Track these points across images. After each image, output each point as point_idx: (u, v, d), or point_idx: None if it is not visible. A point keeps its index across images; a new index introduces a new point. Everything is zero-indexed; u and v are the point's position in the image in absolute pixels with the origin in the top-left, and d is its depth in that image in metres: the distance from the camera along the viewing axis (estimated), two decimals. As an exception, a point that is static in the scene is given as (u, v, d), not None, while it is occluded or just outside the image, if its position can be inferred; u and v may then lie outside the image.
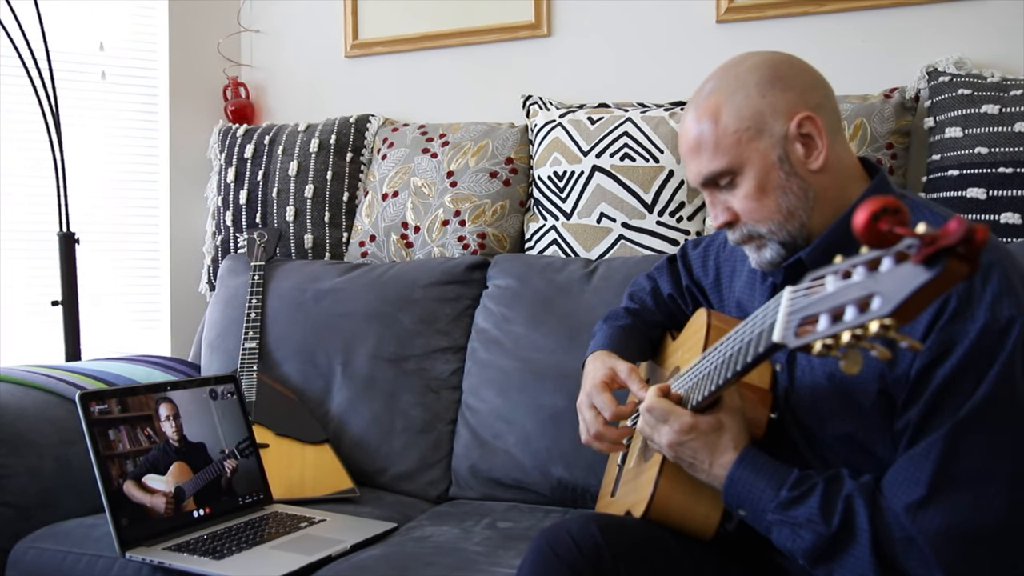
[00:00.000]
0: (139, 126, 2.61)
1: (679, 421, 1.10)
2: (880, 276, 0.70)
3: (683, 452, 1.11)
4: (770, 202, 1.12)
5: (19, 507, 1.66)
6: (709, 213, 1.21)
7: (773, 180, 1.12)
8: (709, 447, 1.10)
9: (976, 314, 0.98)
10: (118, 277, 2.58)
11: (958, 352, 0.98)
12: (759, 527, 1.08)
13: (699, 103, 1.16)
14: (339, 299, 2.13)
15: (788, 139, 1.11)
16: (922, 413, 1.00)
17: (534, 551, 1.08)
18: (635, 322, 1.49)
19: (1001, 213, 1.73)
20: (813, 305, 0.79)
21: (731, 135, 1.12)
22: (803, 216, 1.13)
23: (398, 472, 1.97)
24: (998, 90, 1.79)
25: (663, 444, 1.13)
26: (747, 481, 1.08)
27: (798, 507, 1.03)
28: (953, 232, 0.65)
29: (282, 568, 1.39)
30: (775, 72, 1.13)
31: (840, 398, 1.10)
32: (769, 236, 1.14)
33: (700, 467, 1.11)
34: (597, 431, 1.30)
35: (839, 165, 1.14)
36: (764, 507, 1.06)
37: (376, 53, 2.57)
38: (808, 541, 1.02)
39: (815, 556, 1.03)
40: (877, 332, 0.70)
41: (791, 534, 1.04)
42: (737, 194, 1.14)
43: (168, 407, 1.64)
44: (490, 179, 2.21)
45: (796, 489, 1.04)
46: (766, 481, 1.07)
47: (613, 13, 2.29)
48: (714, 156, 1.13)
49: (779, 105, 1.11)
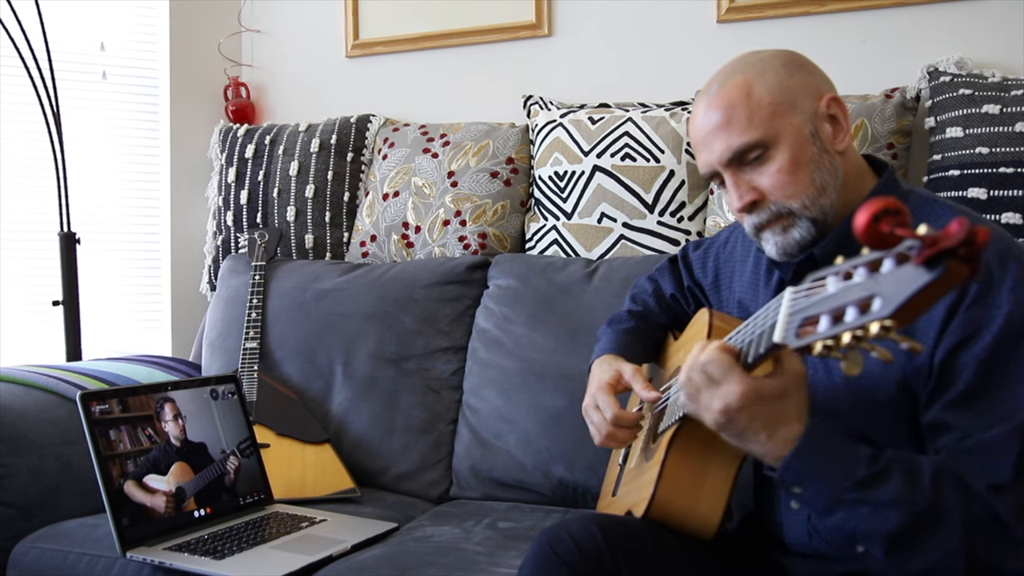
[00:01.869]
0: (140, 126, 2.61)
1: (741, 384, 0.96)
2: (881, 277, 0.70)
3: (737, 419, 0.97)
4: (804, 176, 1.12)
5: (20, 507, 1.66)
6: (729, 197, 1.17)
7: (807, 154, 1.12)
8: (770, 416, 0.97)
9: (999, 300, 0.99)
10: (119, 277, 2.59)
11: (987, 337, 0.98)
12: (817, 507, 0.98)
13: (720, 87, 1.15)
14: (340, 299, 2.13)
15: (818, 117, 1.13)
16: (964, 394, 0.99)
17: (535, 551, 1.08)
18: (639, 324, 1.49)
19: (1002, 213, 1.73)
20: (814, 306, 0.79)
21: (766, 107, 1.12)
22: (833, 194, 1.13)
23: (399, 472, 1.97)
24: (999, 90, 1.79)
25: (713, 408, 0.98)
26: (817, 457, 0.97)
27: (881, 485, 0.95)
28: (954, 234, 0.65)
29: (283, 568, 1.39)
30: (796, 60, 1.16)
31: (854, 396, 1.09)
32: (801, 212, 1.12)
33: (753, 438, 0.98)
34: (608, 431, 1.29)
35: (851, 152, 1.17)
36: (837, 485, 0.95)
37: (377, 53, 2.57)
38: (894, 522, 0.94)
39: (899, 538, 0.94)
40: (878, 333, 0.70)
41: (871, 514, 0.94)
42: (767, 169, 1.12)
43: (172, 407, 1.64)
44: (491, 179, 2.21)
45: (875, 466, 0.96)
46: (839, 458, 0.97)
47: (614, 13, 2.29)
48: (747, 128, 1.12)
49: (808, 85, 1.14)
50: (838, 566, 1.13)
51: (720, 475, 1.17)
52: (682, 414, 1.15)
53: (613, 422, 1.27)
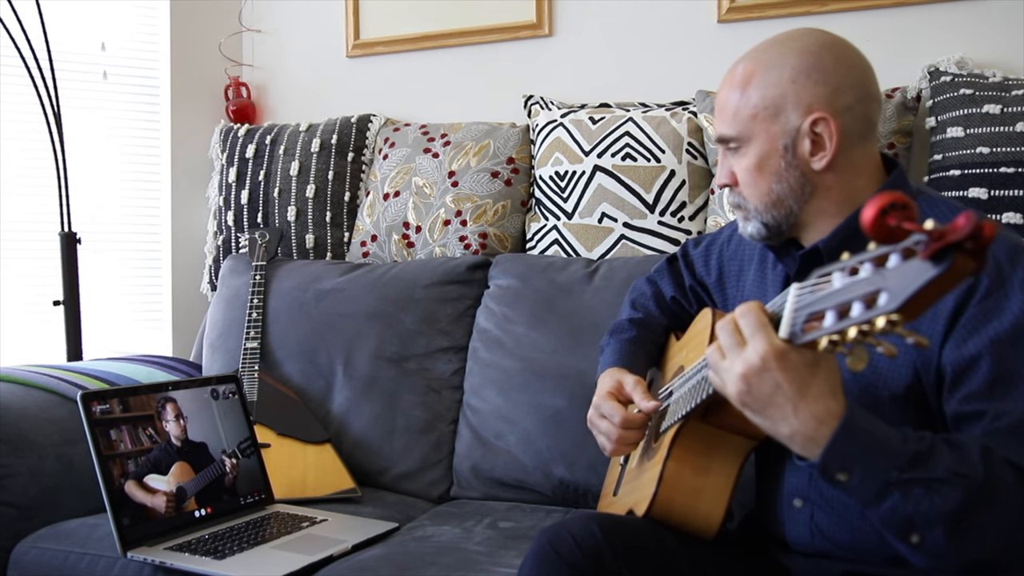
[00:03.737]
0: (141, 126, 2.60)
1: (769, 343, 0.88)
2: (887, 272, 0.70)
3: (761, 384, 0.90)
4: (763, 183, 1.15)
5: (21, 507, 1.66)
6: (718, 170, 1.24)
7: (772, 165, 1.14)
8: (798, 384, 0.89)
9: (1011, 292, 1.00)
10: (120, 277, 2.58)
11: (1002, 326, 0.99)
12: (867, 494, 0.90)
13: (737, 69, 1.18)
14: (340, 299, 2.13)
15: (799, 133, 1.12)
16: (988, 383, 0.98)
17: (535, 551, 1.08)
18: (641, 332, 1.48)
19: (1003, 213, 1.73)
20: (819, 301, 0.79)
21: (749, 108, 1.14)
22: (793, 206, 1.15)
23: (399, 472, 1.97)
24: (1000, 90, 1.79)
25: (734, 371, 0.92)
26: (865, 436, 0.90)
27: (933, 462, 0.89)
28: (961, 228, 0.65)
29: (284, 568, 1.39)
30: (817, 63, 1.12)
31: (862, 390, 1.09)
32: (754, 213, 1.17)
33: (777, 410, 0.91)
34: (619, 435, 1.28)
35: (851, 167, 1.14)
36: (889, 466, 0.89)
37: (377, 53, 2.57)
38: (954, 499, 0.88)
39: (959, 516, 0.89)
40: (883, 328, 0.70)
41: (926, 494, 0.88)
42: (741, 162, 1.17)
43: (174, 407, 1.64)
44: (491, 179, 2.21)
45: (922, 443, 0.91)
46: (886, 436, 0.90)
47: (614, 13, 2.29)
48: (730, 121, 1.16)
49: (803, 97, 1.11)
50: (840, 565, 1.13)
51: (722, 474, 1.17)
52: (684, 413, 1.15)
53: (622, 425, 1.27)
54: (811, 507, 1.15)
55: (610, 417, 1.29)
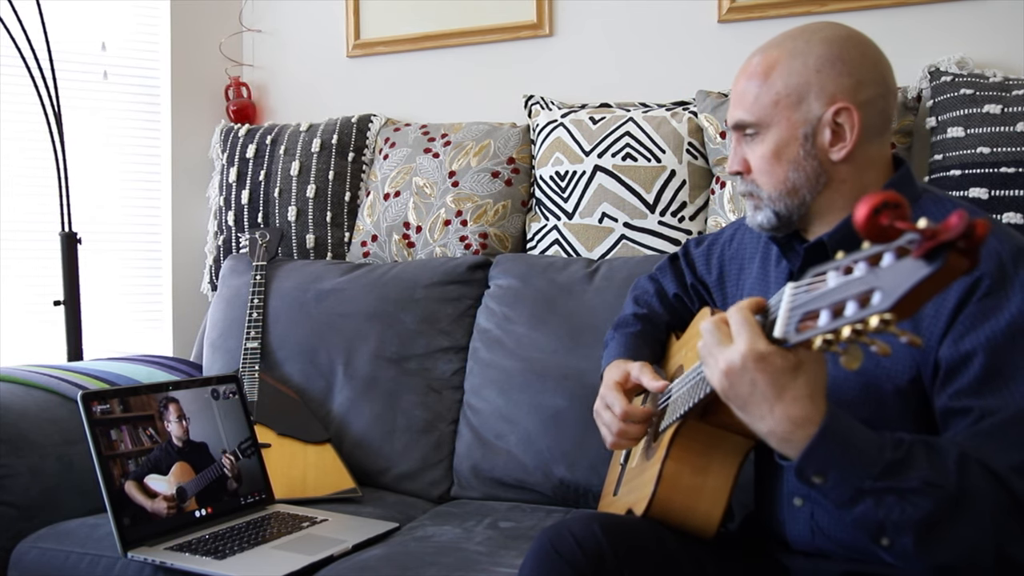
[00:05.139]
0: (141, 126, 2.61)
1: (752, 343, 0.89)
2: (881, 271, 0.70)
3: (740, 383, 0.91)
4: (780, 171, 1.15)
5: (21, 507, 1.66)
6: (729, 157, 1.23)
7: (790, 152, 1.14)
8: (775, 386, 0.90)
9: (1011, 293, 1.00)
10: (120, 277, 2.59)
11: (999, 324, 0.99)
12: (840, 498, 0.92)
13: (758, 56, 1.18)
14: (341, 299, 2.13)
15: (821, 122, 1.12)
16: (979, 380, 0.99)
17: (536, 550, 1.08)
18: (645, 327, 1.49)
19: (1003, 213, 1.73)
20: (814, 301, 0.79)
21: (772, 95, 1.14)
22: (807, 196, 1.15)
23: (400, 472, 1.97)
24: (1000, 90, 1.79)
25: (718, 368, 0.93)
26: (842, 443, 0.91)
27: (907, 471, 0.90)
28: (953, 227, 0.65)
29: (284, 568, 1.39)
30: (841, 53, 1.13)
31: (864, 387, 1.09)
32: (767, 201, 1.17)
33: (756, 409, 0.92)
34: (619, 428, 1.28)
35: (866, 162, 1.15)
36: (863, 473, 0.90)
37: (378, 53, 2.57)
38: (924, 509, 0.89)
39: (929, 526, 0.90)
40: (877, 327, 0.70)
41: (898, 502, 0.90)
42: (757, 149, 1.16)
43: (176, 408, 1.64)
44: (492, 179, 2.21)
45: (899, 451, 0.91)
46: (863, 443, 0.91)
47: (615, 13, 2.29)
48: (751, 107, 1.15)
49: (827, 87, 1.12)
50: (840, 565, 1.13)
51: (721, 474, 1.17)
52: (683, 412, 1.15)
53: (623, 417, 1.27)
54: (811, 505, 1.15)
55: (612, 407, 1.29)
